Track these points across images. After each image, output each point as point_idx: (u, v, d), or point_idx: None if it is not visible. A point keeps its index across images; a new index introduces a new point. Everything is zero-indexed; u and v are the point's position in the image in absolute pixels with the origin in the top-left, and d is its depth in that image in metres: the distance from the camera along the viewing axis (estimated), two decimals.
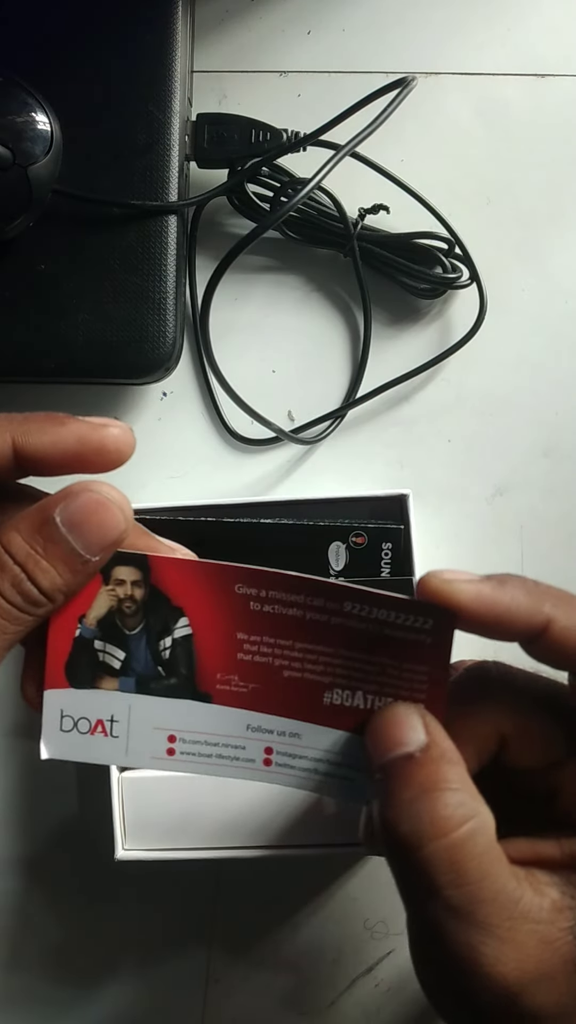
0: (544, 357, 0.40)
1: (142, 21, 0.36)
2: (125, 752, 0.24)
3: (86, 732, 0.24)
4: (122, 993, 0.38)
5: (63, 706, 0.24)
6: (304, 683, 0.23)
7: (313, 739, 0.24)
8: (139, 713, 0.24)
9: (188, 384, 0.40)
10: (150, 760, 0.24)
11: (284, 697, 0.24)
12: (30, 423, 0.23)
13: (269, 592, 0.23)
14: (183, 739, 0.24)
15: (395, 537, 0.36)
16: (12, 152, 0.33)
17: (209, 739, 0.24)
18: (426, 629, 0.23)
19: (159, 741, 0.24)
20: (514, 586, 0.22)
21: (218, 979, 0.38)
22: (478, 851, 0.21)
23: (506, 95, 0.41)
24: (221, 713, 0.24)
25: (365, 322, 0.40)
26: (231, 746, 0.24)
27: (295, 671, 0.23)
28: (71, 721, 0.24)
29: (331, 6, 0.41)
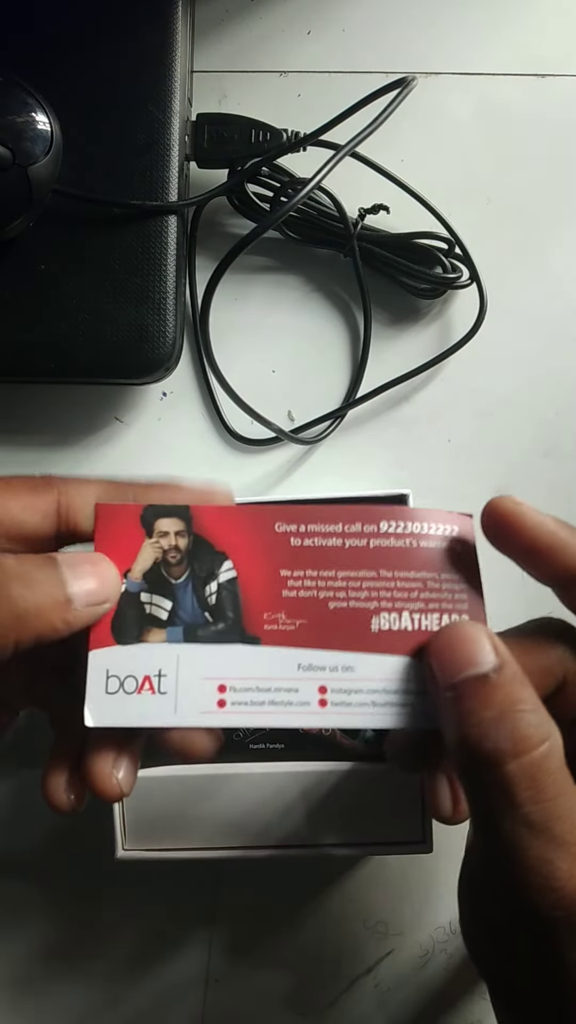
0: (544, 357, 0.40)
1: (142, 21, 0.36)
2: (175, 709, 0.23)
3: (133, 691, 0.23)
4: (122, 993, 0.38)
5: (108, 665, 0.23)
6: (350, 612, 0.24)
7: (366, 670, 0.23)
8: (187, 664, 0.23)
9: (188, 384, 0.40)
10: (200, 716, 0.23)
11: (332, 629, 0.24)
12: (151, 490, 0.25)
13: (308, 526, 0.24)
14: (233, 687, 0.23)
15: None
16: (12, 152, 0.33)
17: (261, 684, 0.23)
18: (454, 536, 0.24)
19: (209, 693, 0.23)
20: (572, 531, 0.25)
21: (218, 979, 0.38)
22: (554, 769, 0.21)
23: (506, 95, 0.41)
24: (271, 655, 0.23)
25: (365, 322, 0.40)
26: (284, 689, 0.23)
27: (340, 601, 0.24)
28: (117, 681, 0.23)
29: (331, 6, 0.41)
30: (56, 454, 0.40)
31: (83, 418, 0.40)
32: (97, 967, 0.39)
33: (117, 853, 0.33)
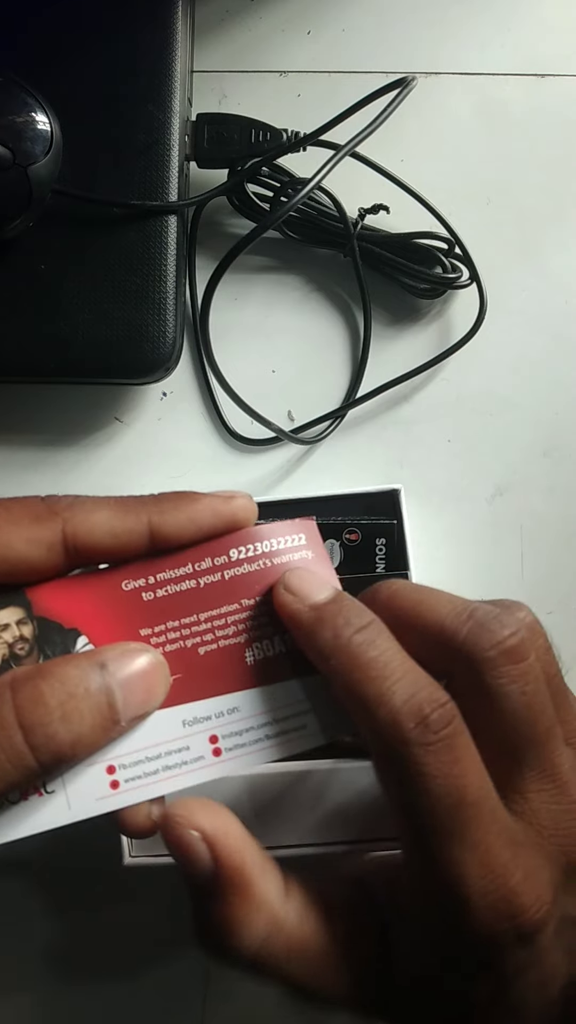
0: (544, 357, 0.40)
1: (142, 21, 0.36)
2: (68, 805, 0.22)
3: (17, 801, 0.22)
4: (122, 994, 0.38)
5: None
6: (222, 652, 0.23)
7: (251, 705, 0.23)
8: None
9: (188, 384, 0.40)
10: (96, 803, 0.22)
11: (209, 676, 0.23)
12: (164, 502, 0.23)
13: (156, 575, 0.23)
14: (122, 764, 0.22)
15: (388, 532, 0.36)
16: (12, 152, 0.33)
17: (149, 753, 0.22)
18: (303, 543, 0.23)
19: (99, 778, 0.22)
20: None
21: (218, 980, 0.38)
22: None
23: (506, 95, 0.41)
24: (152, 721, 0.22)
25: (365, 322, 0.40)
26: (174, 751, 0.22)
27: (209, 644, 0.23)
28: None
29: (331, 6, 0.41)
30: (56, 454, 0.40)
31: (83, 418, 0.40)
32: (98, 967, 0.39)
33: (124, 860, 0.33)
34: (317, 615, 0.22)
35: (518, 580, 0.39)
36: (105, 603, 0.22)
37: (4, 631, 0.22)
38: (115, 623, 0.22)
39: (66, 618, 0.22)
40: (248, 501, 0.24)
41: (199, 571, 0.23)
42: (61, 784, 0.22)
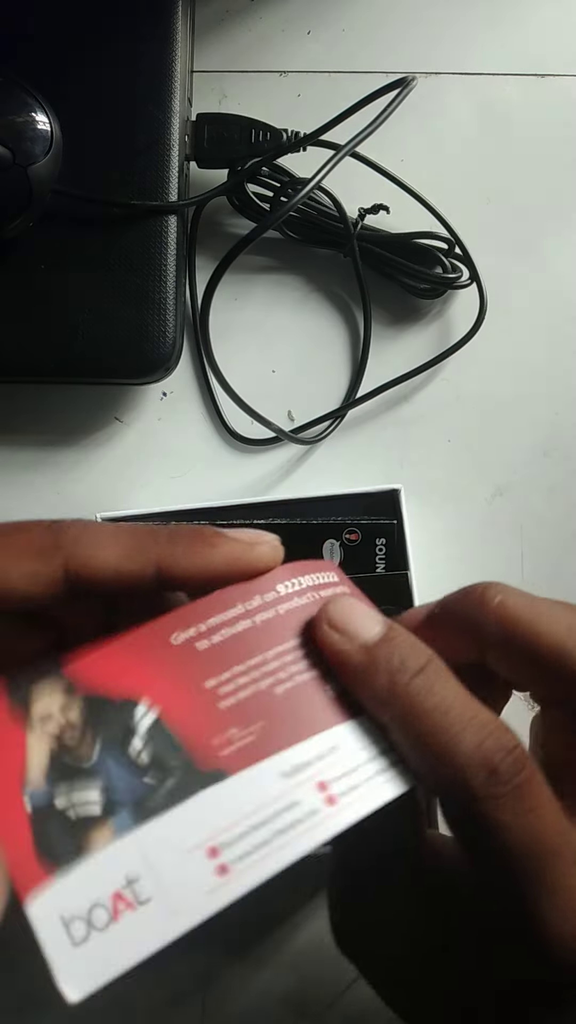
0: (544, 357, 0.40)
1: (142, 21, 0.36)
2: (171, 911, 0.19)
3: (107, 923, 0.18)
4: (122, 993, 0.38)
5: (58, 910, 0.18)
6: (301, 688, 0.20)
7: (352, 740, 0.20)
8: (157, 848, 0.19)
9: (188, 384, 0.40)
10: (205, 899, 0.19)
11: (295, 716, 0.20)
12: (177, 544, 0.21)
13: (207, 622, 0.21)
14: (225, 843, 0.19)
15: (388, 532, 0.36)
16: (12, 152, 0.33)
17: (253, 820, 0.19)
18: (337, 581, 0.23)
19: (201, 866, 0.19)
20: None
21: (218, 979, 0.38)
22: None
23: (506, 95, 0.41)
24: (246, 781, 0.19)
25: (365, 322, 0.40)
26: (281, 811, 0.19)
27: (285, 682, 0.20)
28: (81, 924, 0.18)
29: (331, 6, 0.41)
30: (56, 454, 0.40)
31: (83, 418, 0.40)
32: None
33: None
34: (369, 658, 0.20)
35: (518, 580, 0.39)
36: (157, 663, 0.20)
37: (47, 723, 0.19)
38: (173, 681, 0.20)
39: (116, 689, 0.20)
40: (272, 549, 0.22)
41: (251, 610, 0.21)
42: (155, 886, 0.19)
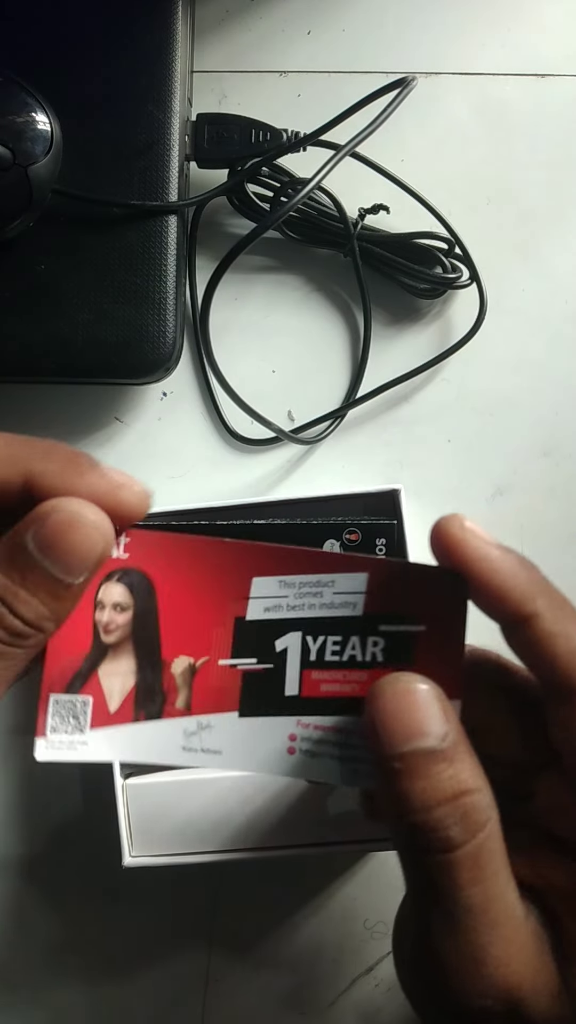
0: (544, 357, 0.40)
1: (142, 21, 0.36)
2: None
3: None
4: (122, 993, 0.38)
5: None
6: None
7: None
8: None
9: (188, 384, 0.40)
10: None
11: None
12: (50, 462, 0.21)
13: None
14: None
15: (388, 532, 0.36)
16: (12, 152, 0.33)
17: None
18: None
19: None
20: (519, 565, 0.22)
21: (218, 979, 0.38)
22: (495, 849, 0.20)
23: (506, 95, 0.41)
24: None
25: (365, 322, 0.40)
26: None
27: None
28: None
29: (331, 6, 0.41)
30: None
31: (83, 418, 0.40)
32: (98, 967, 0.39)
33: (124, 861, 0.34)
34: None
35: None
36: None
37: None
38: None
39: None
40: (136, 497, 0.22)
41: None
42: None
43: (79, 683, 0.23)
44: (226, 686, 0.23)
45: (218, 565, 0.23)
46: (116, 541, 0.23)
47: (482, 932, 0.20)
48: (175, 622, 0.23)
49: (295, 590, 0.23)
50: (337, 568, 0.23)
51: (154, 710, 0.23)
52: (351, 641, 0.23)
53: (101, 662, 0.23)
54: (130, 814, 0.34)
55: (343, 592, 0.23)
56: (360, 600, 0.23)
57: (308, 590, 0.23)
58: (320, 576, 0.23)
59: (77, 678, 0.23)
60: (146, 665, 0.23)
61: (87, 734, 0.23)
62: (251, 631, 0.23)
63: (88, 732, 0.23)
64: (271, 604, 0.23)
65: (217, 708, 0.23)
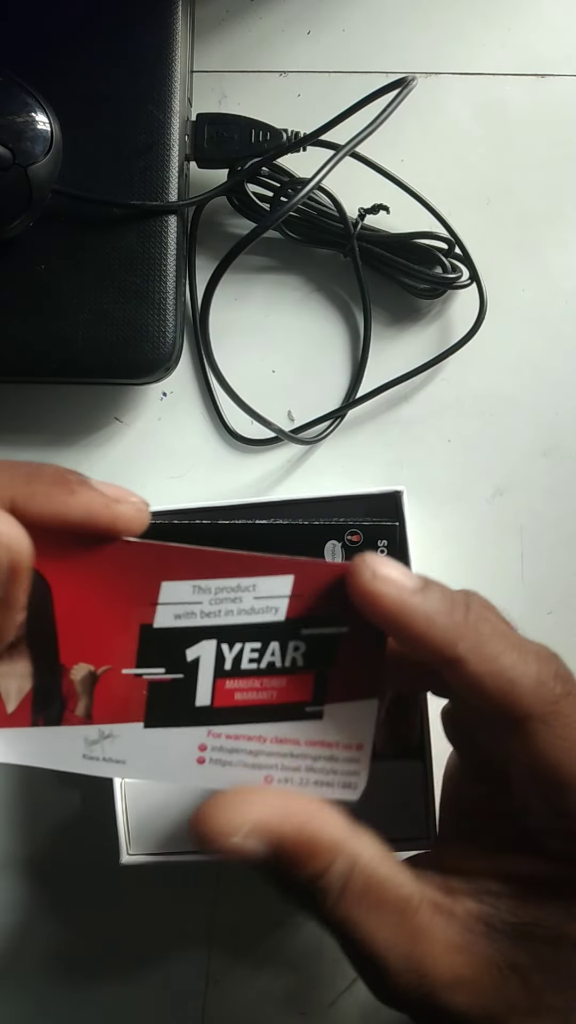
0: (544, 357, 0.40)
1: (142, 21, 0.36)
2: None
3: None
4: (122, 993, 0.38)
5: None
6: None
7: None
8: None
9: (188, 384, 0.40)
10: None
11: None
12: (36, 484, 0.20)
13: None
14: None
15: (390, 534, 0.36)
16: (12, 152, 0.33)
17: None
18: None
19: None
20: (438, 608, 0.21)
21: (218, 979, 0.38)
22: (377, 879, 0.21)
23: (506, 95, 0.41)
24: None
25: (365, 322, 0.40)
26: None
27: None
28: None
29: (331, 6, 0.41)
30: (56, 454, 0.40)
31: (83, 418, 0.40)
32: (98, 967, 0.39)
33: (122, 859, 0.34)
34: (426, 601, 0.21)
35: (518, 580, 0.39)
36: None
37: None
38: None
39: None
40: (137, 512, 0.21)
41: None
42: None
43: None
44: (130, 696, 0.22)
45: (124, 567, 0.22)
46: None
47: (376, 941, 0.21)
48: (75, 626, 0.22)
49: (211, 595, 0.22)
50: (258, 571, 0.22)
51: (53, 716, 0.22)
52: (270, 647, 0.22)
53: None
54: (128, 812, 0.34)
55: (265, 596, 0.22)
56: (283, 604, 0.22)
57: (226, 595, 0.22)
58: (240, 580, 0.22)
59: None
60: (43, 669, 0.22)
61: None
62: (159, 639, 0.22)
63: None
64: (182, 611, 0.22)
65: (120, 718, 0.22)
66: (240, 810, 0.20)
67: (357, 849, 0.21)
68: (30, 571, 0.20)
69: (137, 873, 0.33)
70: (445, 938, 0.21)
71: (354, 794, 0.22)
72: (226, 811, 0.20)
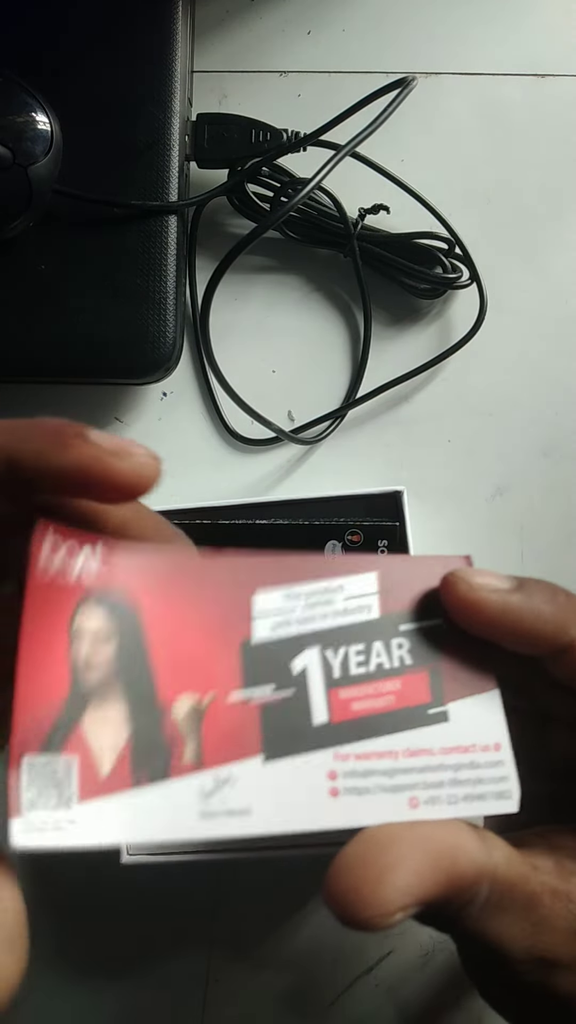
0: (544, 357, 0.40)
1: (142, 21, 0.36)
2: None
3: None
4: (122, 993, 0.38)
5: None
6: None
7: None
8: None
9: (188, 384, 0.40)
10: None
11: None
12: (30, 440, 0.19)
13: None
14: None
15: (391, 534, 0.36)
16: (12, 152, 0.33)
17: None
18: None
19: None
20: (542, 599, 0.21)
21: (218, 979, 0.38)
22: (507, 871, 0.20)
23: (506, 95, 0.41)
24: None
25: (365, 322, 0.40)
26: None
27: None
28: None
29: (331, 6, 0.41)
30: None
31: (83, 418, 0.40)
32: (98, 967, 0.39)
33: (122, 859, 0.34)
34: (526, 599, 0.21)
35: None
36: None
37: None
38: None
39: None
40: (139, 464, 0.19)
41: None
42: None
43: (59, 739, 0.18)
44: (242, 726, 0.19)
45: (209, 584, 0.20)
46: (92, 548, 0.19)
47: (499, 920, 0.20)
48: (170, 653, 0.19)
49: (303, 601, 0.21)
50: (342, 572, 0.21)
51: (159, 768, 0.19)
52: (374, 648, 0.21)
53: (85, 710, 0.18)
54: None
55: (355, 596, 0.21)
56: (374, 602, 0.21)
57: (317, 599, 0.21)
58: (327, 582, 0.21)
59: (56, 732, 0.18)
60: (141, 711, 0.19)
61: (75, 809, 0.18)
62: (261, 654, 0.20)
63: (76, 806, 0.18)
64: (279, 621, 0.20)
65: (236, 755, 0.19)
66: (391, 883, 0.18)
67: (494, 865, 0.20)
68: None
69: (137, 873, 0.33)
70: (565, 924, 0.20)
71: (512, 804, 0.20)
72: (376, 889, 0.18)
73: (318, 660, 0.20)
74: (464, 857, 0.19)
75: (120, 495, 0.19)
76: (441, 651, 0.21)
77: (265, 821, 0.18)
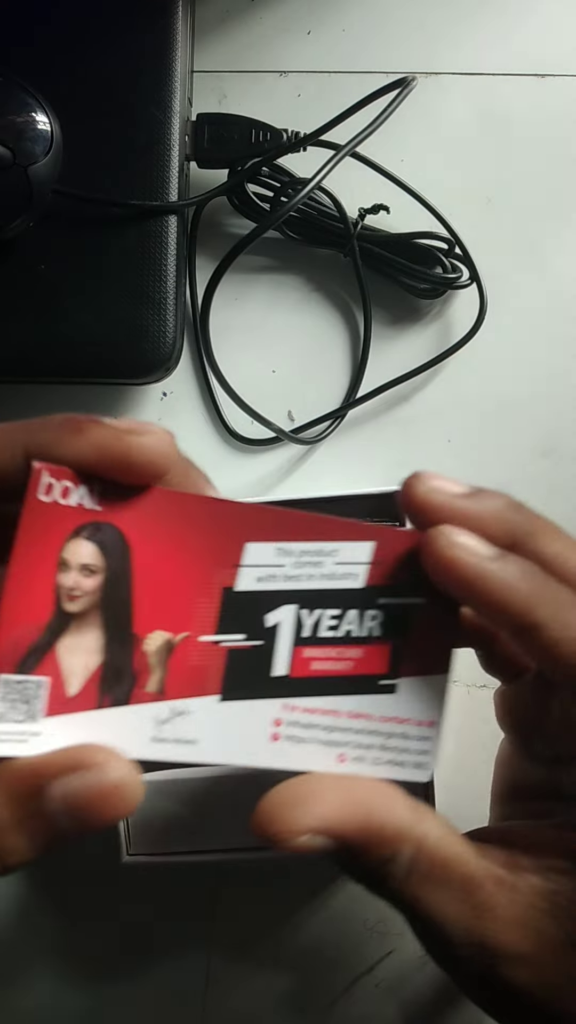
0: (544, 357, 0.40)
1: (142, 21, 0.36)
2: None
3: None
4: (122, 993, 0.38)
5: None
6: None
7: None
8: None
9: (188, 384, 0.40)
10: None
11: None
12: (45, 432, 0.20)
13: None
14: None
15: None
16: (12, 152, 0.33)
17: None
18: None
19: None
20: (517, 575, 0.21)
21: (218, 979, 0.38)
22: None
23: (506, 95, 0.41)
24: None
25: (365, 322, 0.40)
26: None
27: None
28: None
29: (331, 6, 0.41)
30: None
31: None
32: (97, 967, 0.39)
33: (122, 858, 0.33)
34: (507, 565, 0.21)
35: None
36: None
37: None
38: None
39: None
40: (157, 441, 0.20)
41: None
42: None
43: (34, 661, 0.20)
44: (207, 666, 0.21)
45: (204, 526, 0.21)
46: (90, 488, 0.20)
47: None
48: (152, 590, 0.20)
49: (294, 558, 0.21)
50: (341, 536, 0.21)
51: (122, 694, 0.20)
52: (348, 615, 0.21)
53: (62, 635, 0.20)
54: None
55: (346, 562, 0.21)
56: (363, 571, 0.21)
57: (308, 559, 0.21)
58: (323, 544, 0.21)
59: (32, 654, 0.20)
60: (115, 640, 0.20)
61: (40, 723, 0.20)
62: (240, 603, 0.21)
63: (41, 720, 0.20)
64: (265, 574, 0.21)
65: (195, 691, 0.20)
66: (304, 809, 0.20)
67: (422, 832, 0.21)
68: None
69: (137, 873, 0.33)
70: (508, 914, 0.21)
71: (425, 775, 0.22)
72: (290, 811, 0.20)
73: (292, 618, 0.21)
74: (383, 811, 0.20)
75: (142, 472, 0.20)
76: (411, 630, 0.22)
77: (208, 752, 0.20)
